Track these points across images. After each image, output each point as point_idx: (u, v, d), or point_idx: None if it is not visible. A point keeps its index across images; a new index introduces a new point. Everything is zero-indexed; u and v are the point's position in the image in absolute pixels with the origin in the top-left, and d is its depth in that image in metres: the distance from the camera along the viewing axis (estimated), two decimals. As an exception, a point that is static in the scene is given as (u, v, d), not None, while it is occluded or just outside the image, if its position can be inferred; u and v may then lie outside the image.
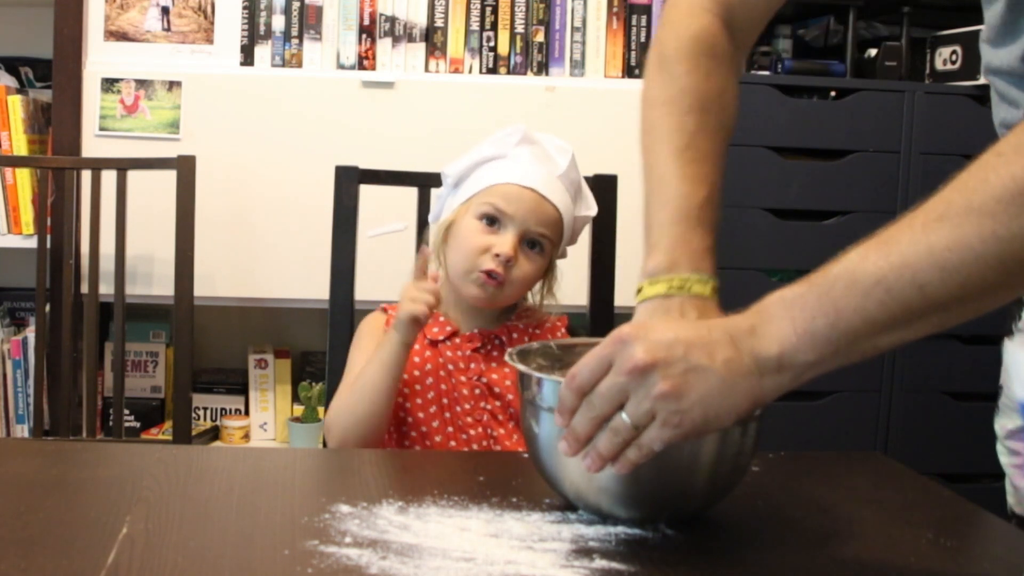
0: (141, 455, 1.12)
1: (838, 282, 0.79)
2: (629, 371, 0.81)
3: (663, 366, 0.80)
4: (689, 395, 0.80)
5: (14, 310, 2.62)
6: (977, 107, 2.39)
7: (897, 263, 0.77)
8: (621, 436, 0.83)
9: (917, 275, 0.76)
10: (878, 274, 0.78)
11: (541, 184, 1.39)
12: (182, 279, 2.05)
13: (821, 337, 0.79)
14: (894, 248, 0.78)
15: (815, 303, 0.80)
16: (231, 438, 2.55)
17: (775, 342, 0.80)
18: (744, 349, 0.81)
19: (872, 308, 0.78)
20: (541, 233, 1.39)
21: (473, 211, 1.39)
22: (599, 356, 0.83)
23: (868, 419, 2.42)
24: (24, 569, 0.77)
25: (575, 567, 0.82)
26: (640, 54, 2.48)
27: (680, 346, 0.81)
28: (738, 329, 0.82)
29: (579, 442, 0.85)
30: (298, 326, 2.71)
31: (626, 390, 0.82)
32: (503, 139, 1.43)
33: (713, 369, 0.80)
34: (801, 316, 0.80)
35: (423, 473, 1.08)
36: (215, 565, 0.80)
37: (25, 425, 2.41)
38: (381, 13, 2.43)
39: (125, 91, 2.35)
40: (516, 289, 1.40)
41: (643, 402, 0.81)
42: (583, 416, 0.84)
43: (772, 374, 0.81)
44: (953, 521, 0.98)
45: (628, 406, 0.82)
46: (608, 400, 0.82)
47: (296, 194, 2.36)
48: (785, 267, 2.39)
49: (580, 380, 0.84)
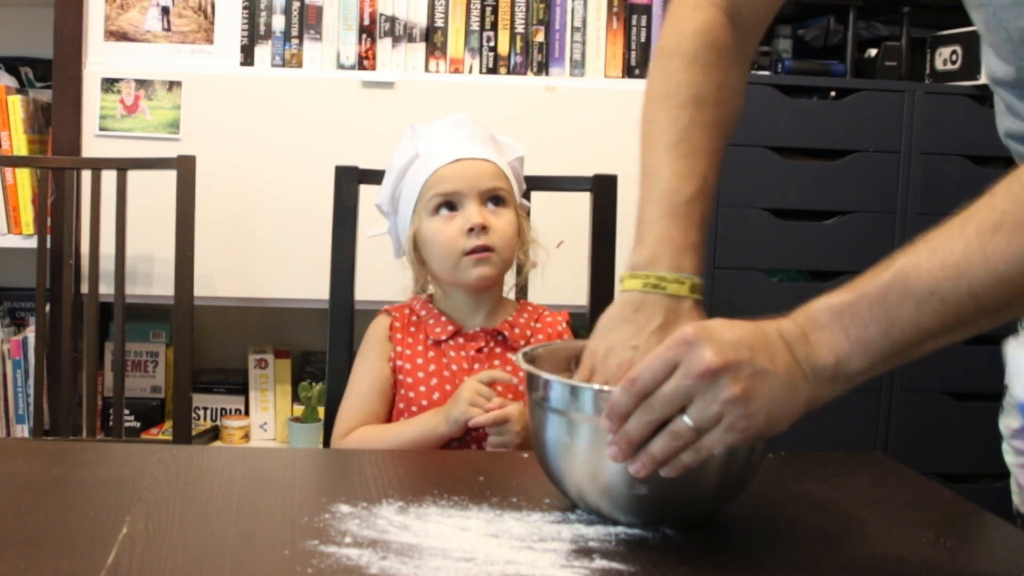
0: (141, 455, 1.12)
1: (891, 292, 0.79)
2: (699, 374, 0.79)
3: (733, 369, 0.79)
4: (757, 399, 0.80)
5: (14, 310, 2.62)
6: (977, 107, 2.39)
7: (952, 274, 0.77)
8: (681, 440, 0.81)
9: (972, 285, 0.77)
10: (932, 284, 0.78)
11: (464, 151, 1.41)
12: (182, 279, 2.05)
13: (874, 346, 0.79)
14: (948, 258, 0.78)
15: (867, 312, 0.80)
16: (231, 438, 2.55)
17: (830, 351, 0.80)
18: (800, 355, 0.81)
19: (926, 318, 0.78)
20: (492, 188, 1.40)
21: (425, 212, 1.40)
22: (664, 358, 0.81)
23: (868, 419, 2.42)
24: (24, 569, 0.77)
25: (575, 567, 0.82)
26: (640, 54, 2.48)
27: (746, 349, 0.80)
28: (791, 334, 0.82)
29: (632, 447, 0.83)
30: (298, 326, 2.71)
31: (692, 393, 0.80)
32: (405, 144, 1.45)
33: (777, 373, 0.80)
34: (853, 325, 0.80)
35: (423, 473, 1.08)
36: (215, 565, 0.80)
37: (25, 425, 2.41)
38: (381, 13, 2.43)
39: (125, 91, 2.35)
40: (506, 250, 1.41)
41: (711, 406, 0.80)
42: (640, 420, 0.82)
43: (826, 383, 0.81)
44: (953, 521, 0.98)
45: (692, 410, 0.80)
46: (671, 404, 0.81)
47: (296, 194, 2.36)
48: (785, 267, 2.39)
49: (643, 383, 0.82)
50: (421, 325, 1.44)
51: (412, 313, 1.45)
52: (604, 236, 1.61)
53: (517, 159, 1.49)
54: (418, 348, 1.41)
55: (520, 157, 1.50)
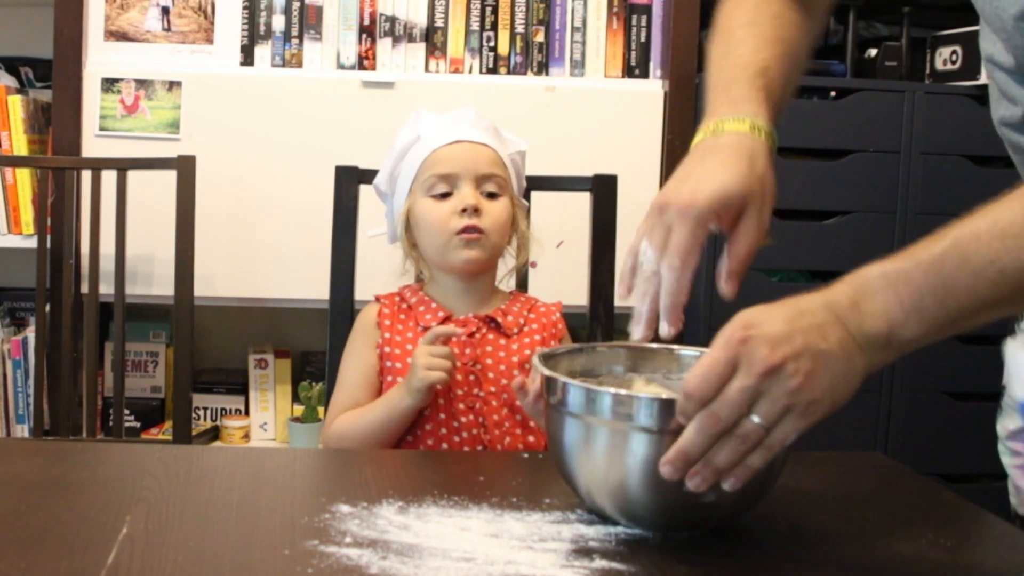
0: (141, 455, 1.12)
1: (948, 260, 0.78)
2: (763, 372, 0.78)
3: (792, 359, 0.78)
4: (821, 382, 0.79)
5: (14, 310, 2.62)
6: (977, 107, 2.39)
7: (1013, 246, 0.77)
8: (750, 442, 0.80)
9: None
10: (991, 254, 0.77)
11: (465, 134, 1.42)
12: (182, 279, 2.05)
13: (929, 314, 0.79)
14: (1008, 229, 0.77)
15: (923, 280, 0.79)
16: (231, 438, 2.55)
17: (883, 319, 0.80)
18: (851, 327, 0.80)
19: (983, 288, 0.77)
20: (490, 174, 1.41)
21: (421, 192, 1.41)
22: (723, 360, 0.79)
23: (868, 419, 2.42)
24: (24, 569, 0.77)
25: (575, 567, 0.82)
26: (640, 54, 2.48)
27: (799, 336, 0.79)
28: (839, 306, 0.81)
29: (689, 462, 0.81)
30: (298, 326, 2.71)
31: (759, 392, 0.78)
32: (409, 127, 1.46)
33: (832, 352, 0.79)
34: (907, 292, 0.79)
35: (423, 473, 1.08)
36: (215, 565, 0.80)
37: (25, 425, 2.41)
38: (381, 13, 2.43)
39: (125, 91, 2.35)
40: (497, 236, 1.41)
41: (779, 400, 0.78)
42: (702, 432, 0.79)
43: (880, 351, 0.80)
44: (953, 521, 0.98)
45: (760, 407, 0.79)
46: (738, 406, 0.79)
47: (296, 194, 2.36)
48: (785, 267, 2.39)
49: (705, 390, 0.79)
50: (411, 312, 1.43)
51: (403, 300, 1.45)
52: (604, 236, 1.61)
53: (518, 152, 1.50)
54: (408, 335, 1.41)
55: (522, 151, 1.50)
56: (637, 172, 2.35)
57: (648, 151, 2.42)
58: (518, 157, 1.50)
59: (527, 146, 1.51)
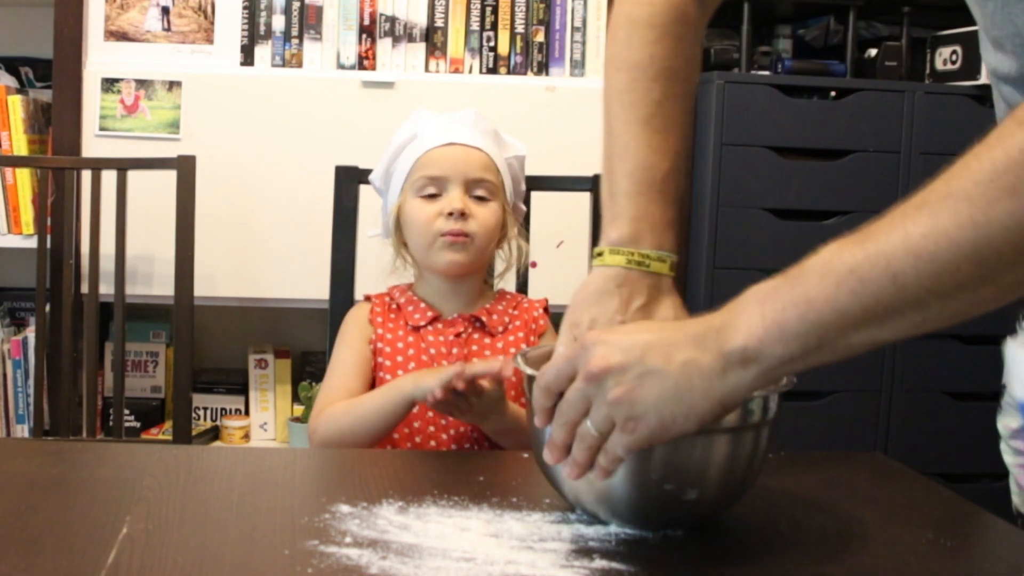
0: (141, 455, 1.12)
1: (811, 272, 0.76)
2: (586, 377, 0.80)
3: (617, 372, 0.79)
4: (643, 400, 0.79)
5: (14, 310, 2.62)
6: (977, 107, 2.39)
7: (872, 252, 0.74)
8: (587, 443, 0.82)
9: (891, 264, 0.72)
10: (852, 263, 0.74)
11: (460, 137, 1.42)
12: (182, 279, 2.05)
13: (790, 329, 0.76)
14: (871, 238, 0.75)
15: (787, 293, 0.77)
16: (231, 438, 2.55)
17: (740, 333, 0.77)
18: (709, 348, 0.78)
19: (844, 299, 0.74)
20: (480, 179, 1.41)
21: (411, 192, 1.42)
22: (565, 357, 0.83)
23: (868, 419, 2.42)
24: (24, 569, 0.77)
25: (575, 567, 0.82)
26: (640, 54, 2.48)
27: (637, 349, 0.79)
28: (708, 327, 0.80)
29: (559, 450, 0.84)
30: (298, 326, 2.71)
31: (588, 396, 0.81)
32: (408, 125, 1.46)
33: (668, 372, 0.78)
34: (771, 307, 0.77)
35: (423, 473, 1.08)
36: (215, 565, 0.80)
37: (25, 425, 2.41)
38: (381, 13, 2.43)
39: (125, 91, 2.35)
40: (482, 239, 1.41)
41: (601, 408, 0.80)
42: (557, 423, 0.83)
43: (736, 368, 0.78)
44: (953, 521, 0.98)
45: (591, 413, 0.81)
46: (574, 406, 0.82)
47: (296, 194, 2.36)
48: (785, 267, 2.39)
49: (545, 380, 0.84)
50: (400, 311, 1.44)
51: (391, 300, 1.46)
52: (604, 236, 1.61)
53: (516, 157, 1.49)
54: (398, 333, 1.42)
55: (520, 156, 1.50)
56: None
57: (648, 151, 2.41)
58: (516, 162, 1.49)
59: (526, 151, 1.50)
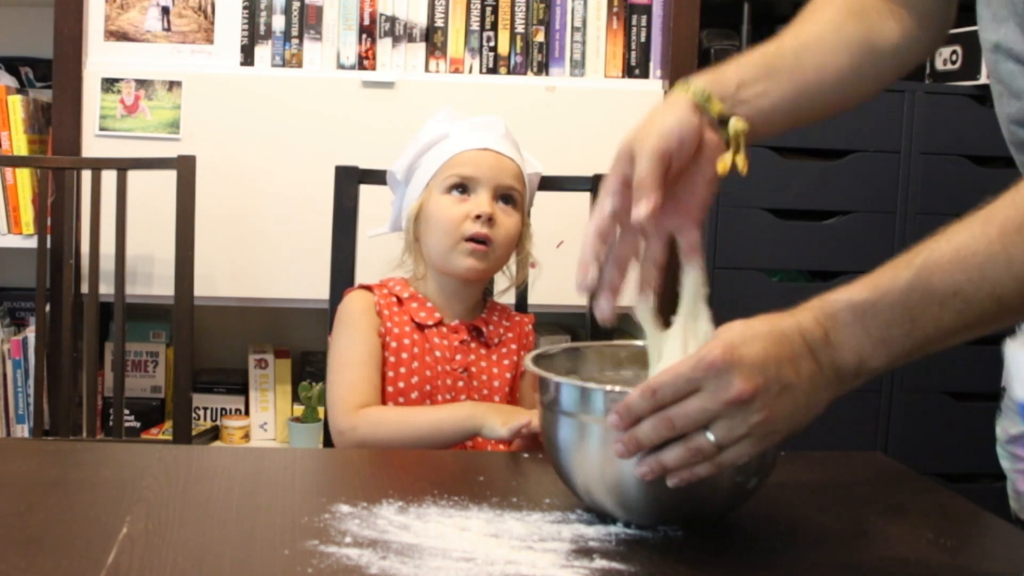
0: (141, 455, 1.12)
1: (913, 292, 0.80)
2: (730, 402, 0.80)
3: (762, 394, 0.80)
4: (782, 415, 0.81)
5: (14, 310, 2.62)
6: (977, 107, 2.39)
7: (976, 276, 0.78)
8: (701, 455, 0.82)
9: (996, 288, 0.77)
10: (955, 286, 0.78)
11: (493, 143, 1.42)
12: (182, 279, 2.05)
13: (896, 345, 0.80)
14: (971, 259, 0.78)
15: (889, 312, 0.80)
16: (231, 438, 2.55)
17: (853, 353, 0.81)
18: (823, 360, 0.81)
19: (948, 318, 0.79)
20: (510, 186, 1.41)
21: (439, 188, 1.41)
22: (688, 378, 0.81)
23: (868, 419, 2.42)
24: (24, 569, 0.77)
25: (575, 567, 0.82)
26: (640, 54, 2.48)
27: (772, 366, 0.80)
28: (813, 336, 0.82)
29: (639, 449, 0.83)
30: (298, 326, 2.71)
31: (718, 416, 0.80)
32: (438, 123, 1.45)
33: (800, 387, 0.81)
34: (875, 325, 0.80)
35: (423, 473, 1.08)
36: (215, 565, 0.80)
37: (25, 425, 2.41)
38: (381, 13, 2.43)
39: (125, 91, 2.35)
40: (503, 249, 1.41)
41: (738, 427, 0.80)
42: (655, 430, 0.82)
43: (848, 381, 0.82)
44: (953, 521, 0.98)
45: (718, 429, 0.81)
46: (695, 422, 0.81)
47: (296, 194, 2.36)
48: (785, 267, 2.39)
49: (661, 397, 0.81)
50: (404, 307, 1.43)
51: (391, 293, 1.44)
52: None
53: (535, 174, 1.51)
54: (405, 329, 1.41)
55: (538, 173, 1.51)
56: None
57: (648, 151, 2.41)
58: (534, 177, 1.50)
59: (543, 170, 1.52)
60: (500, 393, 1.42)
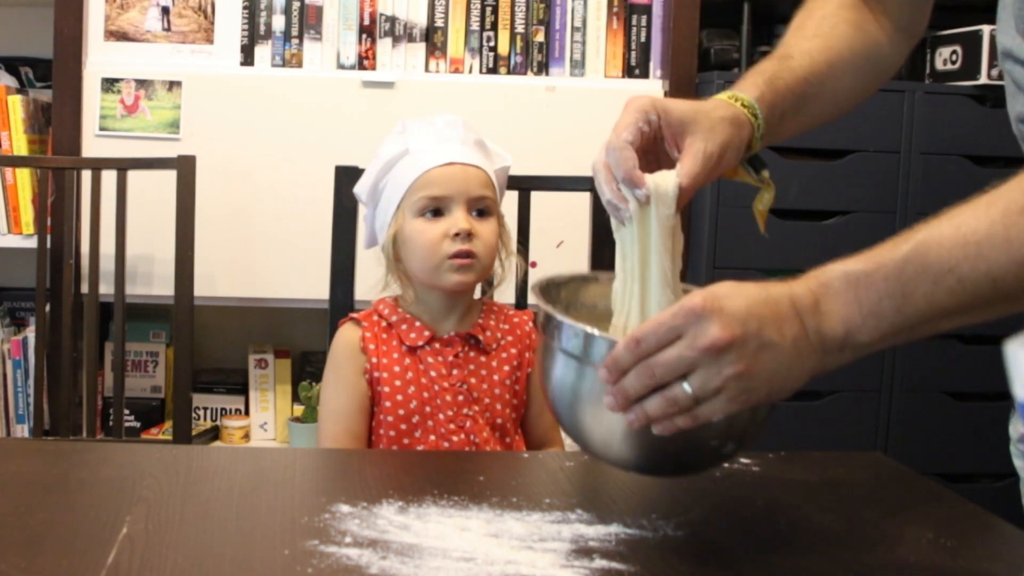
0: (141, 455, 1.12)
1: (908, 265, 0.79)
2: (705, 348, 0.79)
3: (739, 344, 0.79)
4: (760, 374, 0.80)
5: (14, 310, 2.62)
6: (977, 107, 2.39)
7: (972, 253, 0.77)
8: (678, 406, 0.81)
9: (992, 268, 0.76)
10: (951, 262, 0.77)
11: (456, 155, 1.39)
12: (182, 279, 2.05)
13: (886, 320, 0.79)
14: (970, 236, 0.77)
15: (882, 284, 0.79)
16: (231, 438, 2.55)
17: (841, 322, 0.80)
18: (809, 326, 0.81)
19: (941, 295, 0.78)
20: (480, 196, 1.39)
21: (410, 212, 1.38)
22: (669, 326, 0.80)
23: (868, 419, 2.42)
24: (24, 569, 0.77)
25: (575, 567, 0.82)
26: (640, 54, 2.48)
27: (754, 321, 0.79)
28: (803, 302, 0.81)
29: (628, 401, 0.83)
30: (298, 326, 2.71)
31: (695, 365, 0.80)
32: (395, 138, 1.43)
33: (783, 347, 0.80)
34: (867, 296, 0.80)
35: (423, 473, 1.08)
36: (215, 565, 0.80)
37: (25, 425, 2.41)
38: (381, 13, 2.43)
39: (125, 91, 2.35)
40: (487, 258, 1.40)
41: (713, 379, 0.79)
42: (639, 380, 0.82)
43: (834, 353, 0.81)
44: (953, 521, 0.98)
45: (694, 379, 0.80)
46: (672, 371, 0.80)
47: (296, 194, 2.36)
48: (785, 267, 2.39)
49: (646, 346, 0.81)
50: (393, 331, 1.41)
51: (381, 319, 1.42)
52: (604, 236, 1.61)
53: (502, 168, 1.47)
54: (393, 356, 1.39)
55: (506, 167, 1.48)
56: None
57: (648, 151, 2.41)
58: (502, 172, 1.47)
59: (512, 161, 1.49)
60: (501, 400, 1.41)
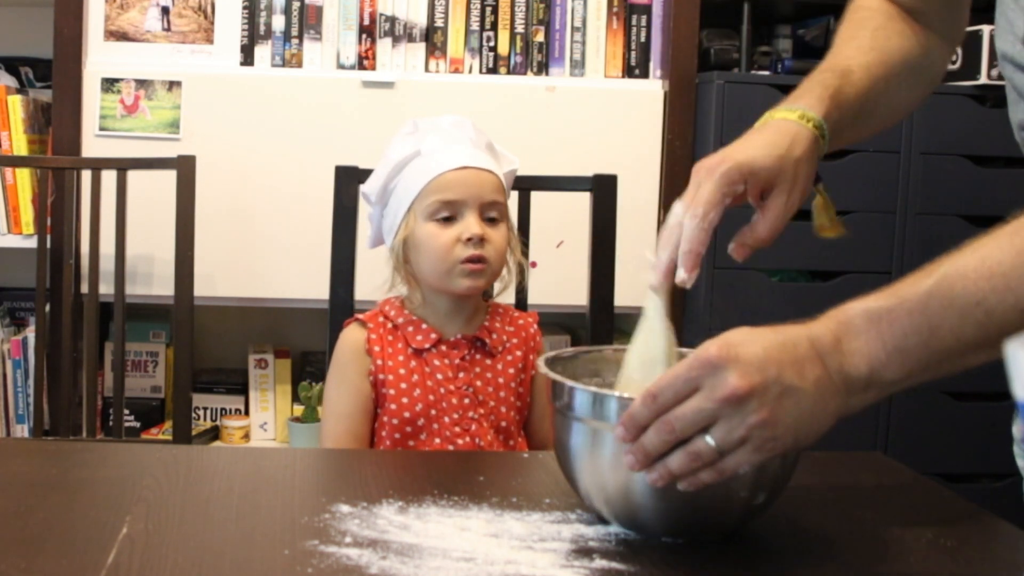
0: (141, 455, 1.12)
1: (932, 299, 0.77)
2: (724, 399, 0.77)
3: (760, 392, 0.76)
4: (784, 420, 0.77)
5: (14, 310, 2.62)
6: (977, 107, 2.39)
7: (1000, 286, 0.75)
8: (701, 460, 0.79)
9: (1021, 300, 0.74)
10: (978, 295, 0.75)
11: (468, 159, 1.38)
12: (182, 279, 2.05)
13: (912, 356, 0.77)
14: (996, 268, 0.75)
15: (907, 320, 0.77)
16: (231, 438, 2.55)
17: (864, 360, 0.78)
18: (831, 366, 0.78)
19: (969, 329, 0.76)
20: (493, 201, 1.38)
21: (422, 215, 1.37)
22: (685, 378, 0.78)
23: (868, 419, 2.42)
24: (24, 569, 0.78)
25: (575, 567, 0.82)
26: (640, 54, 2.48)
27: (773, 366, 0.77)
28: (822, 343, 0.79)
29: (649, 459, 0.81)
30: (298, 326, 2.71)
31: (715, 416, 0.78)
32: (405, 138, 1.42)
33: (805, 390, 0.77)
34: (891, 333, 0.77)
35: (423, 473, 1.08)
36: (215, 565, 0.80)
37: (25, 425, 2.41)
38: (381, 13, 2.43)
39: (125, 91, 2.35)
40: (497, 264, 1.39)
41: (736, 429, 0.77)
42: (659, 436, 0.79)
43: (859, 393, 0.79)
44: (953, 521, 0.98)
45: (716, 431, 0.78)
46: (693, 424, 0.78)
47: (296, 194, 2.36)
48: (785, 267, 2.39)
49: (663, 400, 0.79)
50: (399, 333, 1.40)
51: (387, 320, 1.42)
52: (604, 236, 1.61)
53: (511, 171, 1.47)
54: (399, 358, 1.39)
55: (514, 170, 1.48)
56: (637, 172, 2.35)
57: (648, 151, 2.42)
58: (510, 176, 1.47)
59: (519, 164, 1.49)
60: (506, 403, 1.40)
